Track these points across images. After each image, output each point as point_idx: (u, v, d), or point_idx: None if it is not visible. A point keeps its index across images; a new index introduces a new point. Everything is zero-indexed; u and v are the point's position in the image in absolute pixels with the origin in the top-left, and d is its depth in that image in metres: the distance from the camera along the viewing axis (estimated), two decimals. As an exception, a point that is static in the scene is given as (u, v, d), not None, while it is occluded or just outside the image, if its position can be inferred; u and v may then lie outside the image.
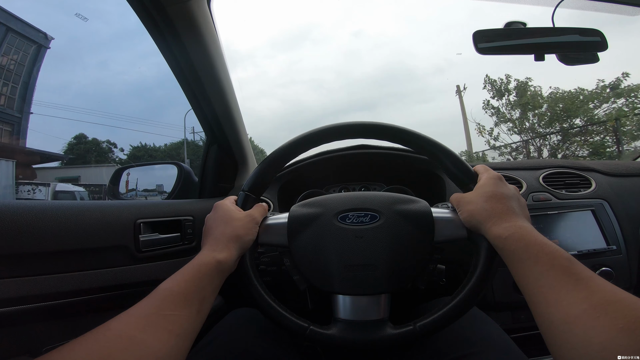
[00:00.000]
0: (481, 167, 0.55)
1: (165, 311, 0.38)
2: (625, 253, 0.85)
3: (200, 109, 0.90)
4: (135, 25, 9.74)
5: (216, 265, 0.46)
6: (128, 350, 0.33)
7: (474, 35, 0.69)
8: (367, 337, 0.50)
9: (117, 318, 0.36)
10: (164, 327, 0.37)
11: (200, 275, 0.44)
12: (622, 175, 0.99)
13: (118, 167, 1.07)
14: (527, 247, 0.41)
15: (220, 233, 0.51)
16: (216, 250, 0.48)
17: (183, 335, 0.39)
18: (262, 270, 0.84)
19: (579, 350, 0.31)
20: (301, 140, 0.58)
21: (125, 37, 57.93)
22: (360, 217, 0.54)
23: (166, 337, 0.36)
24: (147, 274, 0.70)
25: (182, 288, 0.42)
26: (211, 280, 0.45)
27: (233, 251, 0.49)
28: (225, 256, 0.48)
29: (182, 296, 0.41)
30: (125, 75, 57.41)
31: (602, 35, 0.68)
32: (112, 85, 52.35)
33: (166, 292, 0.41)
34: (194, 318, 0.41)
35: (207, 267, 0.45)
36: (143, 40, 14.27)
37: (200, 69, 0.79)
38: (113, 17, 61.37)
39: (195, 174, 1.06)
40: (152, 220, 0.74)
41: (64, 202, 0.62)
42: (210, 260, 0.46)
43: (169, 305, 0.39)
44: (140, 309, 0.38)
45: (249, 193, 0.57)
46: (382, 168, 1.09)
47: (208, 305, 0.44)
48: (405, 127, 0.58)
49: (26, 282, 0.53)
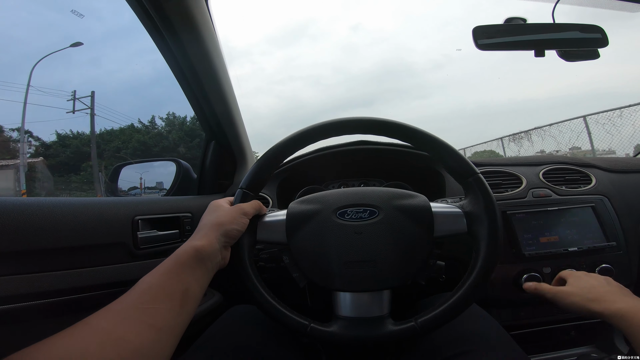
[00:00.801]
0: (565, 273, 0.66)
1: (144, 305, 0.37)
2: (625, 249, 0.84)
3: (198, 106, 0.90)
4: (130, 22, 9.39)
5: (194, 253, 0.45)
6: (105, 344, 0.32)
7: (473, 31, 0.69)
8: (368, 334, 0.50)
9: (96, 314, 0.36)
10: (143, 320, 0.36)
11: (179, 265, 0.43)
12: (622, 172, 0.99)
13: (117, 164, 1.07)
14: None
15: (203, 223, 0.50)
16: (195, 238, 0.47)
17: (166, 330, 0.37)
18: (261, 267, 0.84)
19: None
20: (298, 136, 0.58)
21: (120, 34, 57.23)
22: (359, 212, 0.54)
23: (146, 331, 0.35)
24: (145, 270, 0.69)
25: (160, 280, 0.41)
26: (192, 270, 0.44)
27: (212, 238, 0.47)
28: (203, 243, 0.46)
29: (161, 288, 0.40)
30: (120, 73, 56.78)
31: (603, 31, 0.68)
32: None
33: (144, 284, 0.40)
34: (178, 311, 0.39)
35: (185, 255, 0.44)
36: (139, 37, 13.44)
37: (198, 65, 0.79)
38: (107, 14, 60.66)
39: (195, 170, 1.06)
40: (150, 217, 0.74)
41: (61, 198, 0.61)
42: (188, 249, 0.45)
43: (148, 298, 0.38)
44: (119, 304, 0.37)
45: (246, 190, 0.56)
46: (382, 164, 1.09)
47: (193, 298, 0.43)
48: (403, 122, 0.57)
49: (23, 279, 0.53)
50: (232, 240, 0.51)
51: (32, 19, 16.47)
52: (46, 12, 16.06)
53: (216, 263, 0.48)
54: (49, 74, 35.33)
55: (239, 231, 0.52)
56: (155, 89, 28.56)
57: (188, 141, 15.31)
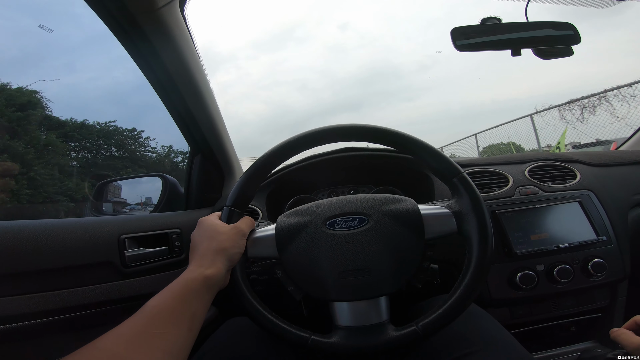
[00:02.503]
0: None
1: (155, 330, 0.38)
2: (615, 243, 0.85)
3: (180, 119, 0.89)
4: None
5: (204, 281, 0.45)
6: None
7: (452, 32, 0.70)
8: (370, 342, 0.49)
9: (105, 337, 0.36)
10: (156, 346, 0.36)
11: (188, 291, 0.43)
12: (606, 165, 1.01)
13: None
14: None
15: (206, 248, 0.50)
16: (203, 265, 0.47)
17: (175, 354, 0.38)
18: (254, 280, 0.82)
19: None
20: (281, 148, 0.57)
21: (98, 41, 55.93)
22: (348, 221, 0.54)
23: (159, 356, 0.36)
24: (135, 288, 0.69)
25: (170, 306, 0.41)
26: (200, 296, 0.45)
27: (220, 265, 0.48)
28: (212, 271, 0.47)
29: (171, 313, 0.40)
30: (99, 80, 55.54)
31: (575, 28, 0.70)
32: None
33: (154, 310, 0.40)
34: (185, 335, 0.40)
35: (195, 283, 0.45)
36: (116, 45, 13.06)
37: (176, 77, 0.78)
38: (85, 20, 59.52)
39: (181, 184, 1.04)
40: (137, 235, 0.72)
41: (43, 221, 0.60)
42: (198, 276, 0.45)
43: (158, 323, 0.39)
44: (129, 328, 0.37)
45: (232, 208, 0.55)
46: (371, 170, 1.09)
47: (199, 322, 0.44)
48: (383, 126, 0.57)
49: (8, 302, 0.52)
50: (234, 264, 0.52)
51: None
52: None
53: (220, 286, 0.50)
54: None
55: (240, 254, 0.53)
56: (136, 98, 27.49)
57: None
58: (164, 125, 0.88)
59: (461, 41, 0.68)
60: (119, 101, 7.78)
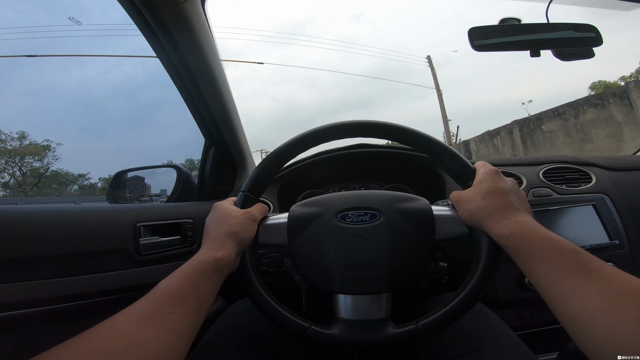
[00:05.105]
0: (479, 163, 0.55)
1: (165, 309, 0.38)
2: (628, 247, 0.84)
3: (197, 111, 0.91)
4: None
5: (214, 263, 0.46)
6: (129, 348, 0.33)
7: (469, 32, 0.69)
8: (368, 337, 0.50)
9: (118, 316, 0.37)
10: (164, 325, 0.37)
11: (198, 273, 0.44)
12: (623, 169, 0.99)
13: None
14: (531, 243, 0.41)
15: (217, 231, 0.51)
16: (213, 248, 0.48)
17: (183, 335, 0.39)
18: (263, 272, 0.84)
19: (603, 344, 0.31)
20: (299, 140, 0.58)
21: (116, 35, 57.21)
22: (360, 215, 0.54)
23: (166, 336, 0.36)
24: (148, 277, 0.70)
25: (180, 286, 0.42)
26: (210, 278, 0.45)
27: (230, 248, 0.49)
28: (222, 254, 0.48)
29: (181, 294, 0.41)
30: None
31: (597, 30, 0.69)
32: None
33: (165, 290, 0.41)
34: (193, 317, 0.41)
35: (205, 264, 0.45)
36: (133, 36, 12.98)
37: (196, 70, 0.79)
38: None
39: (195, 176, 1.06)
40: (152, 224, 0.74)
41: (64, 205, 0.62)
42: (208, 258, 0.46)
43: (168, 303, 0.39)
44: (140, 308, 0.38)
45: (248, 193, 0.57)
46: (382, 166, 1.09)
47: (207, 304, 0.44)
48: (403, 124, 0.57)
49: (26, 286, 0.53)
50: (244, 248, 0.53)
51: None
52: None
53: (230, 270, 0.50)
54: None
55: (250, 238, 0.53)
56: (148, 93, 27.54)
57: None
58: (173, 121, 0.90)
59: (478, 41, 0.68)
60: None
